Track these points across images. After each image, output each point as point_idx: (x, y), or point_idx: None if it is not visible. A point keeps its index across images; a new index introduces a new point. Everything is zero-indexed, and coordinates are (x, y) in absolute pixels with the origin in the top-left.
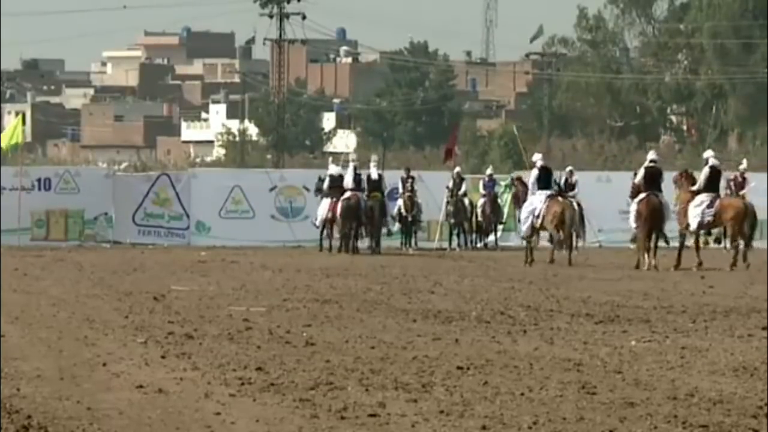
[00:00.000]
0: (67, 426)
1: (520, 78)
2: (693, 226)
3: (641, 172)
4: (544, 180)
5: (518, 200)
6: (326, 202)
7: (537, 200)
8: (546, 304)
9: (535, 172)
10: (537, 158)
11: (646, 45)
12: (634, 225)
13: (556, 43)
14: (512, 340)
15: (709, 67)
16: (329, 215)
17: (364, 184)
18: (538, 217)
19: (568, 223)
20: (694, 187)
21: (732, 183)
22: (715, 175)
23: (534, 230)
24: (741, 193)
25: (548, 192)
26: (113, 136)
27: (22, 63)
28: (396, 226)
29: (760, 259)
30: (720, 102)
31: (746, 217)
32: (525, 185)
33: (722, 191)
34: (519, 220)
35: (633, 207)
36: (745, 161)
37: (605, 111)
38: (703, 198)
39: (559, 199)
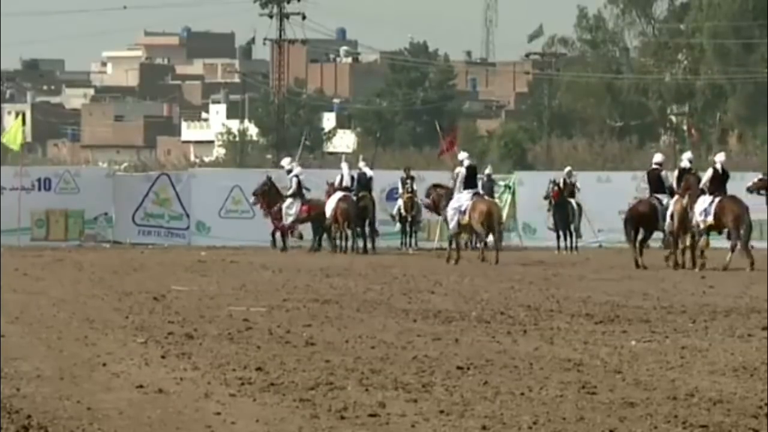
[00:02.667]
0: (67, 426)
1: (520, 78)
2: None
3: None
4: (471, 179)
5: (437, 207)
6: (296, 202)
7: (464, 198)
8: (546, 304)
9: (462, 171)
10: (463, 156)
11: (646, 45)
12: None
13: (556, 43)
14: (512, 340)
15: (709, 67)
16: (304, 215)
17: (349, 183)
18: (464, 213)
19: (497, 221)
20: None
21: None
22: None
23: (461, 228)
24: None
25: (474, 190)
26: (113, 136)
27: (22, 63)
28: (397, 226)
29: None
30: (720, 102)
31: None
32: (444, 188)
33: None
34: (445, 220)
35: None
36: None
37: (605, 111)
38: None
39: (486, 198)
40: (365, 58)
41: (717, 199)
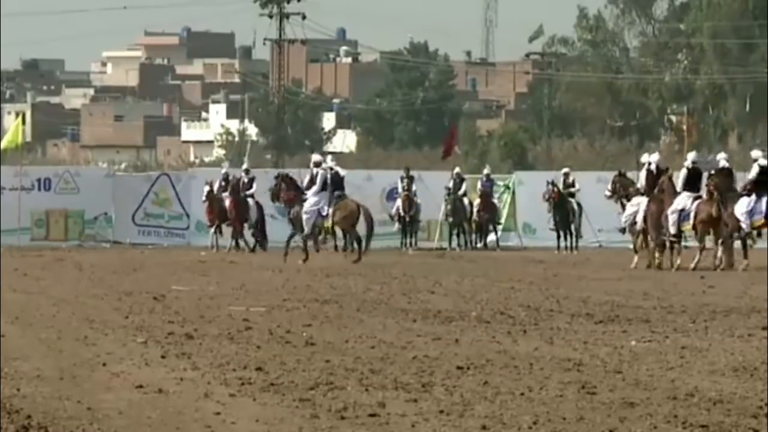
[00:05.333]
0: (67, 426)
1: (520, 78)
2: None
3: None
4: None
5: (278, 198)
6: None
7: (323, 200)
8: (546, 304)
9: (321, 172)
10: (318, 159)
11: (646, 45)
12: None
13: (556, 43)
14: (512, 340)
15: (709, 67)
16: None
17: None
18: (326, 217)
19: (368, 221)
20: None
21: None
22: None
23: (321, 229)
24: None
25: (327, 192)
26: (113, 136)
27: (22, 63)
28: (396, 226)
29: (760, 259)
30: (720, 102)
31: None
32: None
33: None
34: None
35: None
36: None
37: (605, 111)
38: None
39: (350, 199)
40: (365, 58)
41: (647, 201)
